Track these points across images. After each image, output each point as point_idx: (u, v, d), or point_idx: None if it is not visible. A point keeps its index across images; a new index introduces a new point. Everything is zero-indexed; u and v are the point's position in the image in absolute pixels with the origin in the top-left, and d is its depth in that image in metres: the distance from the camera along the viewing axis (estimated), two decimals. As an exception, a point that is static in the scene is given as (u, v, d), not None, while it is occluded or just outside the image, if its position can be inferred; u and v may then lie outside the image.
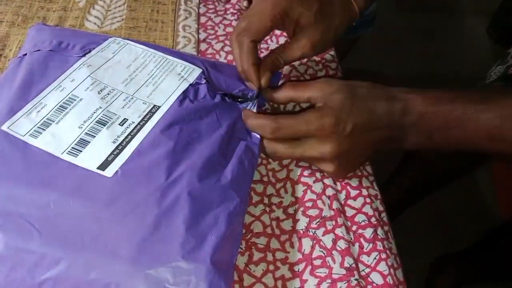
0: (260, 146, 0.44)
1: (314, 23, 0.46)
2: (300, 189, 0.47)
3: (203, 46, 0.62)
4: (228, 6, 0.68)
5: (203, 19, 0.66)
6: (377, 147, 0.44)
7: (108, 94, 0.42)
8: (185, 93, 0.44)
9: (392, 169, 1.09)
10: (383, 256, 0.42)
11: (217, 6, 0.68)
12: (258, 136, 0.44)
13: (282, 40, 0.63)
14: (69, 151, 0.38)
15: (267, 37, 0.62)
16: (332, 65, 0.61)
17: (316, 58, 0.61)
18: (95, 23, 0.63)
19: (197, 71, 0.46)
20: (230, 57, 0.60)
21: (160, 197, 0.36)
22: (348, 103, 0.42)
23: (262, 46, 0.62)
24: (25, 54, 0.46)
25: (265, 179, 0.48)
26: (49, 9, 0.64)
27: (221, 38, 0.63)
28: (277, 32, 0.64)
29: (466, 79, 0.86)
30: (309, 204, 0.45)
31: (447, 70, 1.60)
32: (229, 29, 0.64)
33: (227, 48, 0.62)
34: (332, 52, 0.62)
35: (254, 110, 0.46)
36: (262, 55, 0.47)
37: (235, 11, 0.67)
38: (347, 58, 1.12)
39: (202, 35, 0.63)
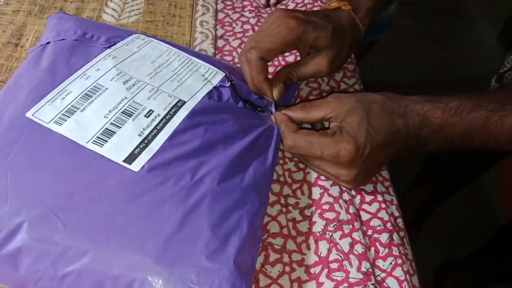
0: (279, 145, 0.45)
1: (329, 44, 0.47)
2: (316, 191, 0.47)
3: (220, 43, 0.61)
4: (245, 3, 0.68)
5: (220, 15, 0.65)
6: (394, 156, 0.44)
7: (133, 85, 0.42)
8: (209, 94, 0.44)
9: (413, 173, 1.10)
10: (399, 261, 0.42)
11: (234, 2, 0.68)
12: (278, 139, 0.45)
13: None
14: (94, 141, 0.38)
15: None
16: (350, 67, 0.61)
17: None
18: (112, 16, 0.63)
19: (221, 75, 0.46)
20: (247, 55, 0.60)
21: (185, 196, 0.36)
22: (364, 125, 0.41)
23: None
24: (48, 42, 0.45)
25: (282, 179, 0.48)
26: (66, -1, 0.64)
27: (239, 35, 0.63)
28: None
29: (477, 83, 0.87)
30: (326, 206, 0.45)
31: (458, 75, 1.60)
32: (247, 26, 0.64)
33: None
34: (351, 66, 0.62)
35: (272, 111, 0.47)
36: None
37: (252, 8, 0.67)
38: (361, 62, 1.13)
39: (220, 32, 0.63)
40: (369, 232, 0.44)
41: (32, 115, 0.38)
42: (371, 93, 0.45)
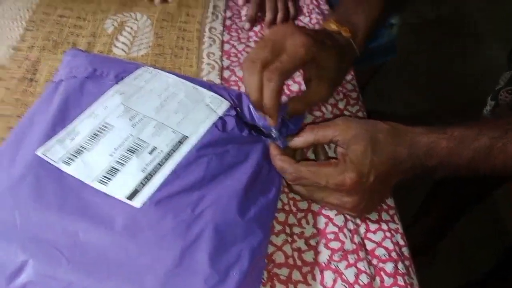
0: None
1: (334, 67, 0.48)
2: (321, 221, 0.47)
3: (226, 73, 0.63)
4: (251, 33, 0.70)
5: (226, 47, 0.67)
6: (398, 182, 0.45)
7: (139, 121, 0.44)
8: (213, 125, 0.45)
9: (420, 198, 1.09)
10: (405, 291, 0.42)
11: (240, 33, 0.70)
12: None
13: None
14: (99, 180, 0.39)
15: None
16: (353, 94, 0.62)
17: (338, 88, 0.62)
18: (122, 49, 0.65)
19: (226, 104, 0.47)
20: (252, 84, 0.62)
21: (185, 230, 0.37)
22: (369, 154, 0.42)
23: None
24: (62, 80, 0.47)
25: (287, 207, 0.49)
26: (78, 35, 0.67)
27: (244, 66, 0.64)
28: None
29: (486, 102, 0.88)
30: (331, 236, 0.46)
31: (468, 95, 1.60)
32: (252, 57, 0.66)
33: (249, 76, 0.63)
34: (353, 82, 0.63)
35: (281, 139, 0.47)
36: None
37: (257, 39, 0.69)
38: (370, 85, 1.14)
39: (226, 62, 0.65)
40: (374, 261, 0.45)
41: (42, 153, 0.40)
42: (378, 121, 0.46)
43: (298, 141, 0.47)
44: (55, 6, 0.71)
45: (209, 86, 0.50)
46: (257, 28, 0.71)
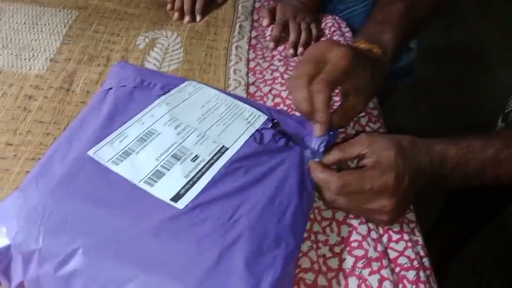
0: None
1: (368, 80, 0.51)
2: (345, 229, 0.49)
3: (252, 89, 0.66)
4: (275, 52, 0.73)
5: (252, 64, 0.71)
6: (418, 191, 0.47)
7: (183, 130, 0.47)
8: (251, 138, 0.48)
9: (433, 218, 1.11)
10: (426, 298, 0.44)
11: (265, 52, 0.73)
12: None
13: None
14: (146, 180, 0.42)
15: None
16: (374, 112, 0.64)
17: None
18: (154, 64, 0.68)
19: (263, 117, 0.51)
20: (277, 99, 0.65)
21: (224, 233, 0.39)
22: (400, 158, 0.45)
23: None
24: (111, 88, 0.51)
25: (311, 216, 0.51)
26: (112, 49, 0.70)
27: (269, 82, 0.68)
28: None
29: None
30: (354, 244, 0.48)
31: (479, 121, 1.63)
32: (276, 74, 0.69)
33: (274, 91, 0.66)
34: (374, 100, 0.66)
35: (322, 150, 0.49)
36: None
37: (281, 58, 0.72)
38: (384, 106, 1.17)
39: (251, 79, 0.68)
40: (397, 269, 0.46)
41: (93, 153, 0.43)
42: (396, 134, 0.49)
43: (327, 159, 0.49)
44: (90, 22, 0.75)
45: (248, 102, 0.53)
46: (281, 48, 0.74)
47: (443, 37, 2.01)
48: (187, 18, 0.77)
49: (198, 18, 0.78)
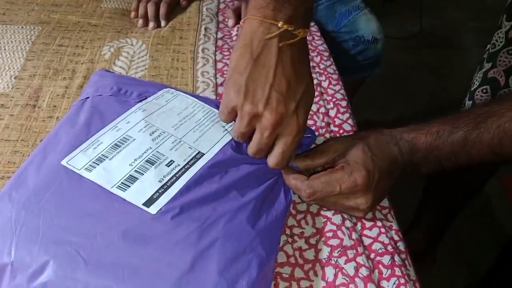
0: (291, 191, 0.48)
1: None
2: (320, 220, 0.49)
3: (220, 90, 0.66)
4: (242, 52, 0.73)
5: (219, 65, 0.71)
6: (393, 183, 0.48)
7: (158, 136, 0.47)
8: (228, 144, 0.48)
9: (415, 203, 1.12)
10: (402, 281, 0.44)
11: (232, 52, 0.73)
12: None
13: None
14: (118, 186, 0.41)
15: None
16: (343, 103, 0.65)
17: (327, 97, 0.65)
18: (120, 73, 0.68)
19: None
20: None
21: (197, 239, 0.39)
22: (368, 154, 0.46)
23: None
24: (88, 97, 0.51)
25: (286, 212, 0.51)
26: (77, 62, 0.70)
27: (237, 82, 0.68)
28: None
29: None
30: (329, 234, 0.48)
31: (455, 103, 1.65)
32: (244, 73, 0.69)
33: (243, 91, 0.66)
34: (342, 91, 0.66)
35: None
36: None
37: (248, 57, 0.72)
38: (363, 97, 1.18)
39: (220, 80, 0.68)
40: (372, 255, 0.47)
41: (67, 162, 0.43)
42: (362, 131, 0.50)
43: (296, 163, 0.49)
44: (54, 36, 0.74)
45: None
46: (247, 47, 0.74)
47: (415, 25, 2.04)
48: (151, 25, 0.77)
49: (163, 23, 0.78)
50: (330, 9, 0.92)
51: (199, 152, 0.46)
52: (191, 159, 0.45)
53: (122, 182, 0.42)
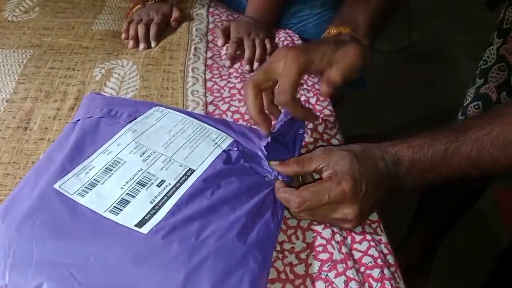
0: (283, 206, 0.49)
1: (330, 51, 0.51)
2: (310, 235, 0.50)
3: (210, 108, 0.67)
4: (231, 70, 0.75)
5: (209, 84, 0.72)
6: (383, 198, 0.49)
7: (149, 156, 0.48)
8: (218, 158, 0.48)
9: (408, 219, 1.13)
10: (392, 294, 0.45)
11: (221, 71, 0.74)
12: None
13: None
14: (111, 210, 0.42)
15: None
16: (330, 119, 0.66)
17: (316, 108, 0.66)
18: (111, 94, 0.69)
19: (229, 140, 0.52)
20: (236, 116, 0.66)
21: (189, 256, 0.40)
22: (356, 166, 0.46)
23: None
24: (79, 120, 0.51)
25: (276, 228, 0.51)
26: (68, 84, 0.71)
27: (227, 99, 0.69)
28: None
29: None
30: (319, 248, 0.48)
31: (446, 115, 1.68)
32: (234, 91, 0.70)
33: (232, 108, 0.67)
34: (329, 107, 0.67)
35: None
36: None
37: (238, 74, 0.73)
38: (354, 110, 1.18)
39: (209, 98, 0.69)
40: (362, 269, 0.47)
41: (59, 186, 0.44)
42: (350, 144, 0.51)
43: (285, 170, 0.50)
44: (46, 59, 0.75)
45: (216, 123, 0.54)
46: (237, 65, 0.75)
47: (404, 39, 2.07)
48: (142, 46, 0.78)
49: (153, 44, 0.79)
50: (318, 27, 0.94)
51: (190, 169, 0.47)
52: (182, 177, 0.46)
53: (114, 206, 0.43)
